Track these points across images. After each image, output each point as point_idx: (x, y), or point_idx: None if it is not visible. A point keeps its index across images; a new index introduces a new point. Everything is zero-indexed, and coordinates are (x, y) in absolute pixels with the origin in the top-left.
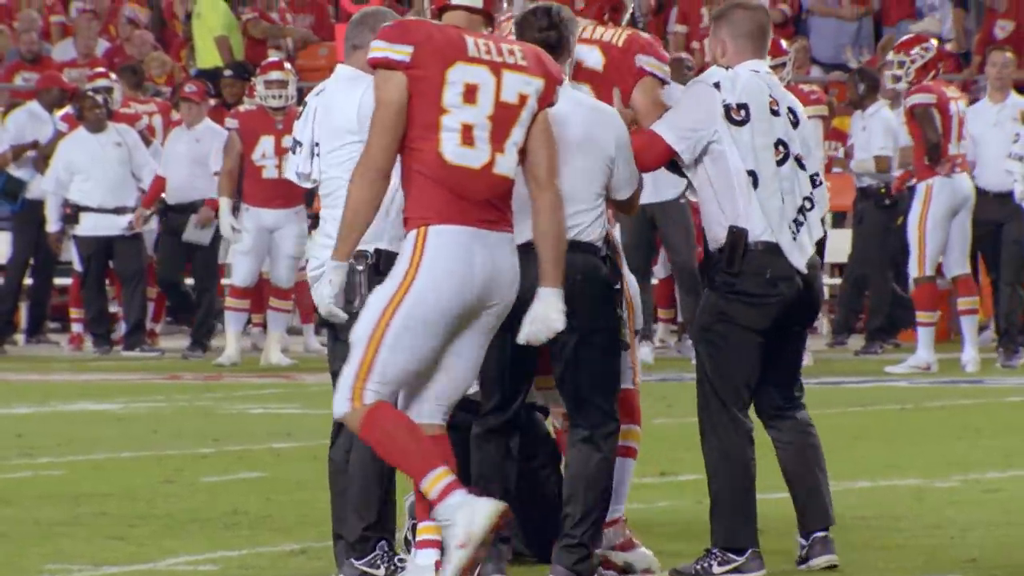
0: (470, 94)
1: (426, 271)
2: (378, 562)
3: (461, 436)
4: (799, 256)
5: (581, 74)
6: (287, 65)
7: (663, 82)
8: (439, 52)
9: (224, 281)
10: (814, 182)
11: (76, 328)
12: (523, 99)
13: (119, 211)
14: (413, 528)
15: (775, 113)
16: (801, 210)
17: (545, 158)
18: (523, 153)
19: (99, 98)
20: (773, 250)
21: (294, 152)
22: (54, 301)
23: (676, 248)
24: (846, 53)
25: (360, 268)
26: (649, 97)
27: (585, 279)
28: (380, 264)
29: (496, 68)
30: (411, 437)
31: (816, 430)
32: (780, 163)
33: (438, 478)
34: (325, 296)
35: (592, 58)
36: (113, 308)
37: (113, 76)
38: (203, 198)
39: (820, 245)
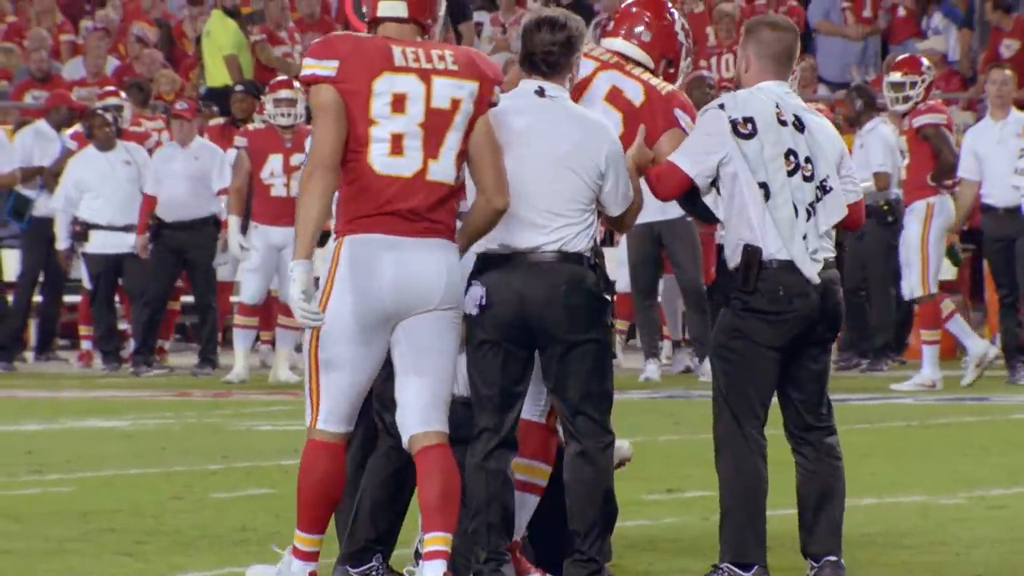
0: (398, 103)
1: (337, 285)
2: (372, 573)
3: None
4: (811, 267)
5: (619, 101)
6: (296, 84)
7: None
8: (364, 64)
9: (233, 299)
10: (823, 187)
11: (85, 345)
12: (456, 103)
13: (128, 229)
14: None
15: (783, 123)
16: (809, 216)
17: (489, 165)
18: (469, 161)
19: (108, 116)
20: (787, 267)
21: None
22: (63, 318)
23: (683, 266)
24: (851, 72)
25: None
26: (674, 147)
27: (570, 288)
28: None
29: (425, 75)
30: (314, 495)
31: (842, 462)
32: (791, 173)
33: (307, 541)
34: (293, 296)
35: (633, 91)
36: (122, 325)
37: (123, 94)
38: (203, 216)
39: (839, 260)
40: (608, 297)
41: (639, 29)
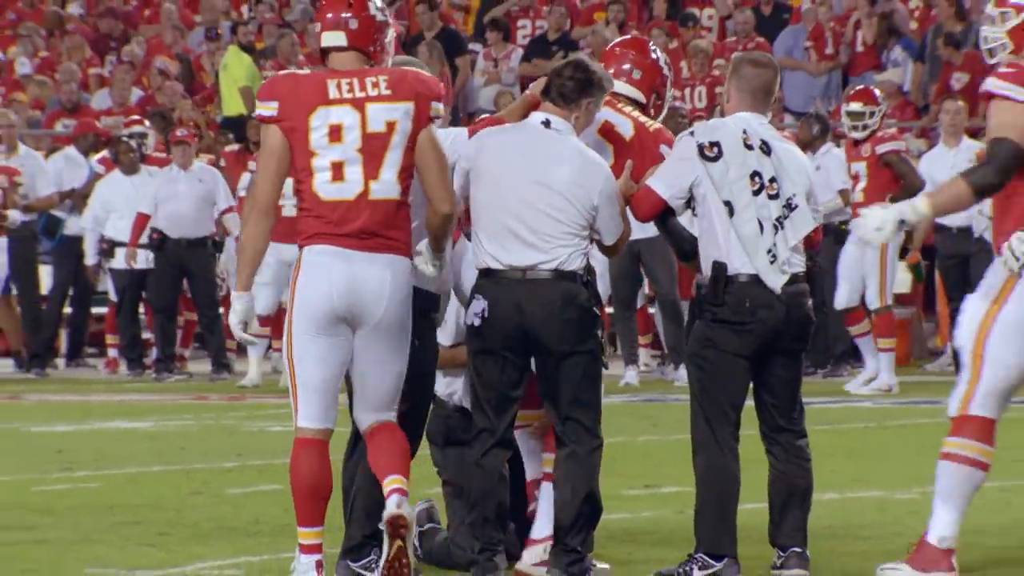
0: (335, 133)
1: (298, 290)
2: (372, 566)
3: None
4: (776, 278)
5: (611, 135)
6: None
7: None
8: (300, 102)
9: None
10: (790, 205)
11: (112, 353)
12: (391, 125)
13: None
14: (420, 535)
15: (749, 147)
16: (775, 231)
17: (433, 175)
18: (416, 173)
19: (132, 143)
20: (753, 281)
21: None
22: (92, 328)
23: (660, 281)
24: (816, 103)
25: None
26: None
27: (564, 304)
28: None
29: (359, 104)
30: (303, 491)
31: (811, 464)
32: (756, 193)
33: (306, 535)
34: (232, 323)
35: (623, 127)
36: (145, 335)
37: (147, 123)
38: (204, 235)
39: (809, 274)
40: (598, 312)
41: (627, 67)
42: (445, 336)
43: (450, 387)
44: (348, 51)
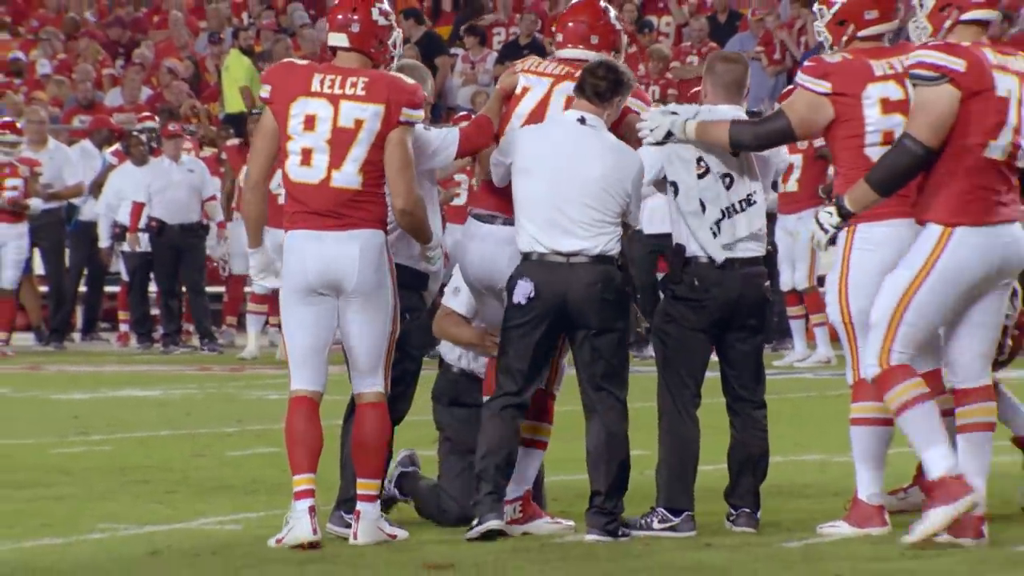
0: (309, 123)
1: (284, 266)
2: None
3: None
4: (718, 251)
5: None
6: None
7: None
8: (286, 90)
9: (246, 289)
10: (748, 200)
11: (123, 328)
12: (359, 123)
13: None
14: (401, 475)
15: None
16: (722, 216)
17: (393, 177)
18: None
19: (143, 137)
20: (709, 262)
21: None
22: (105, 305)
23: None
24: (764, 103)
25: None
26: (631, 129)
27: (602, 285)
28: (399, 276)
29: (335, 99)
30: (296, 444)
31: (767, 435)
32: (700, 176)
33: (299, 482)
34: (252, 274)
35: None
36: (154, 311)
37: (157, 119)
38: (195, 220)
39: (769, 257)
40: (629, 293)
41: (583, 32)
42: (459, 304)
43: (455, 351)
44: (351, 51)
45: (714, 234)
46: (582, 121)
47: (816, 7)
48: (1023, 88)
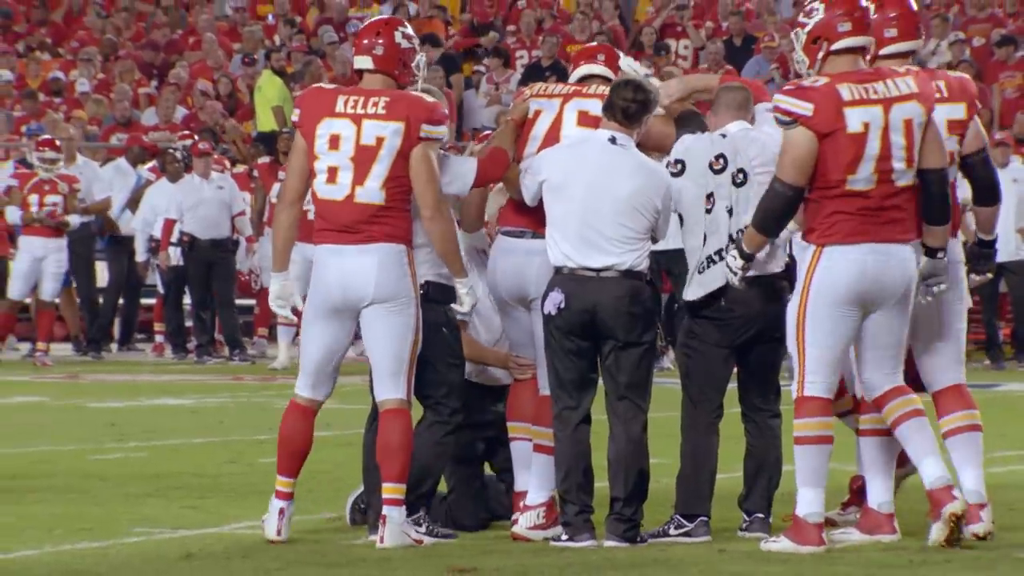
0: (334, 142)
1: (311, 280)
2: (421, 521)
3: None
4: (710, 282)
5: (587, 120)
6: None
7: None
8: (313, 111)
9: None
10: (743, 231)
11: (159, 339)
12: (380, 140)
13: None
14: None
15: (716, 171)
16: (723, 249)
17: (420, 190)
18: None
19: (178, 154)
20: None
21: None
22: (141, 317)
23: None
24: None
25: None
26: (658, 123)
27: (631, 300)
28: (429, 292)
29: (357, 119)
30: (284, 445)
31: (780, 443)
32: (708, 211)
33: (280, 483)
34: (271, 301)
35: (595, 108)
36: (188, 323)
37: (197, 137)
38: (226, 235)
39: (788, 269)
40: (657, 308)
41: (601, 57)
42: (485, 331)
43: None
44: (376, 73)
45: (709, 265)
46: (613, 141)
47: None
48: (889, 115)
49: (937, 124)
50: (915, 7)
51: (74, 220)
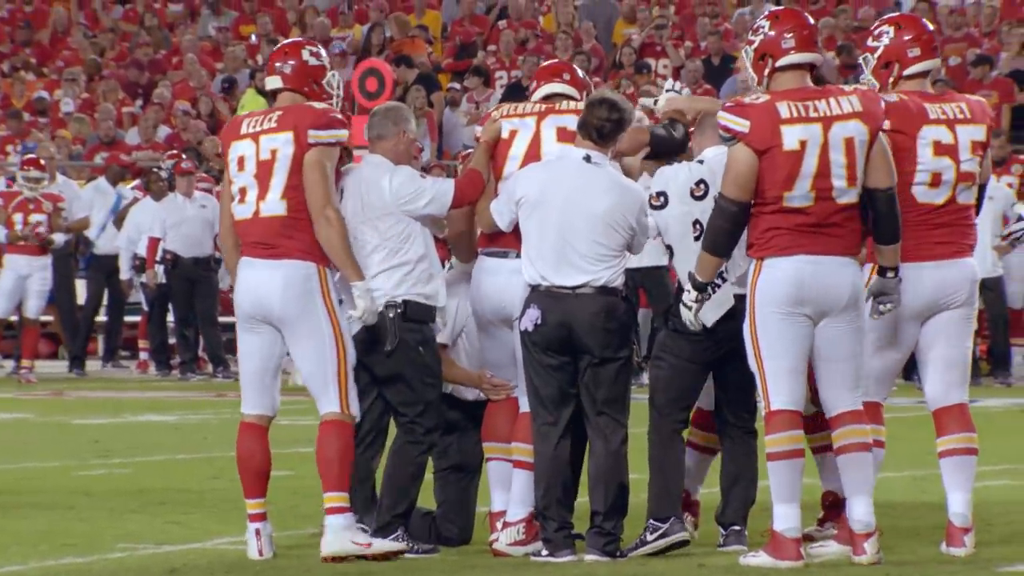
0: (240, 163)
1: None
2: (400, 539)
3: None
4: (724, 301)
5: (565, 135)
6: None
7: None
8: (226, 138)
9: None
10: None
11: (143, 356)
12: (274, 152)
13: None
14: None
15: (697, 197)
16: (724, 269)
17: (311, 192)
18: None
19: (163, 173)
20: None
21: None
22: (125, 334)
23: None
24: None
25: (391, 315)
26: (632, 137)
27: (607, 316)
28: (408, 311)
29: (255, 137)
30: (243, 466)
31: (756, 459)
32: (697, 239)
33: (249, 506)
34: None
35: (571, 123)
36: (172, 340)
37: (183, 156)
38: (208, 253)
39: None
40: (633, 324)
41: (567, 76)
42: (443, 336)
43: None
44: (285, 92)
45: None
46: (588, 159)
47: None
48: (829, 133)
49: (922, 143)
50: (931, 27)
51: (59, 238)
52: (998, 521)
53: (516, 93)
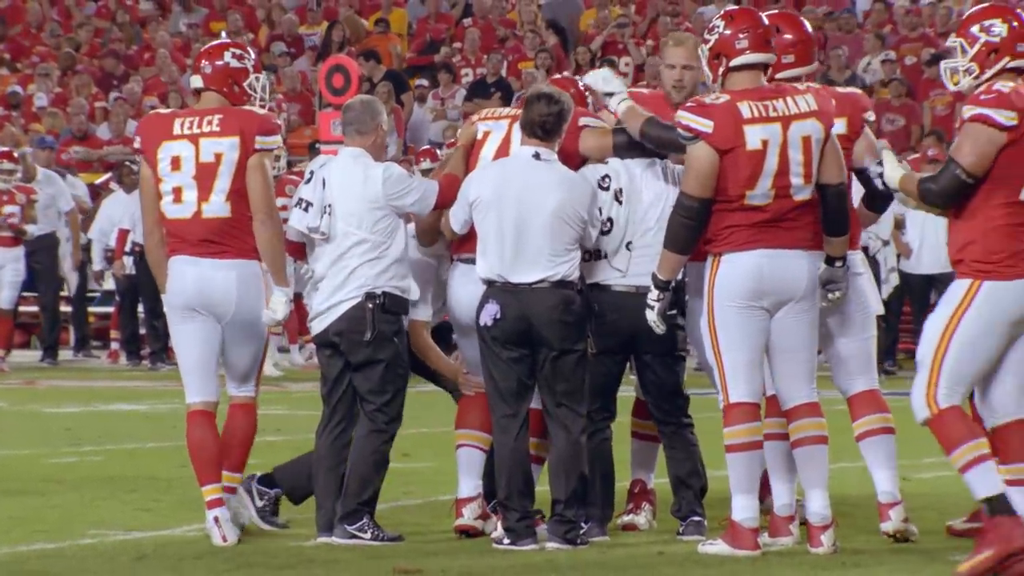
0: (175, 163)
1: (168, 288)
2: (366, 528)
3: None
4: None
5: None
6: (281, 143)
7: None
8: (152, 136)
9: None
10: (627, 246)
11: (114, 346)
12: (218, 156)
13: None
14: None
15: (603, 188)
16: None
17: (253, 193)
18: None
19: (135, 167)
20: (601, 289)
21: (305, 210)
22: (96, 325)
23: None
24: None
25: (370, 306)
26: (587, 142)
27: (564, 309)
28: (386, 303)
29: (194, 139)
30: (195, 454)
31: (697, 449)
32: (604, 233)
33: (206, 492)
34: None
35: None
36: (142, 331)
37: None
38: None
39: (678, 285)
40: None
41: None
42: (423, 313)
43: None
44: (208, 92)
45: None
46: (536, 156)
47: (953, 40)
48: (788, 132)
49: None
50: (811, 32)
51: (32, 229)
52: (952, 511)
53: (480, 89)
